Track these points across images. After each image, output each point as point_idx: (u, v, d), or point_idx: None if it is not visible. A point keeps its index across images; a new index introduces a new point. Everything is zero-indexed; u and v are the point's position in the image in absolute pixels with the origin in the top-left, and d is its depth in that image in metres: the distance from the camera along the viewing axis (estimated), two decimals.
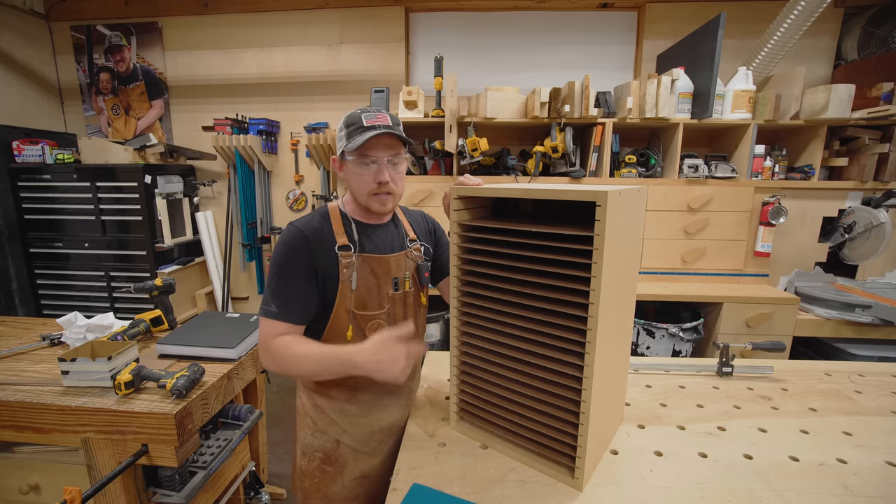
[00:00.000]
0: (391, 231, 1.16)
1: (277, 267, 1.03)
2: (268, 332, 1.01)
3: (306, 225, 1.06)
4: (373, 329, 1.09)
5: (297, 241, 1.03)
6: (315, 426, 1.15)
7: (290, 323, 1.02)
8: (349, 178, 1.08)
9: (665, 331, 2.28)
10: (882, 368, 1.44)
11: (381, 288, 1.10)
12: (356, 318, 1.08)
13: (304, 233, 1.04)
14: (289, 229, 1.06)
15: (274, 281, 1.03)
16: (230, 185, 3.26)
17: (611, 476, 0.91)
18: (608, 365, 0.90)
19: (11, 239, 2.94)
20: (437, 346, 2.58)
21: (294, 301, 1.02)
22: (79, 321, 1.59)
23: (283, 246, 1.04)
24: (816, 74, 2.87)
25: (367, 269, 1.08)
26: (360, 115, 1.03)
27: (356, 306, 1.07)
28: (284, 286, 1.02)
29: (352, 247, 1.06)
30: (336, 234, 1.06)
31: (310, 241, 1.03)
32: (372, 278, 1.08)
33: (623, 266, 0.89)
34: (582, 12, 3.04)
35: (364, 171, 1.04)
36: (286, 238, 1.05)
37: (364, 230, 1.10)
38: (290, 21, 3.14)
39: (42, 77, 3.27)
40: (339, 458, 1.15)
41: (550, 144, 2.50)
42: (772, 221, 2.47)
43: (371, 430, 1.15)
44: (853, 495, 0.85)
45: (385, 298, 1.11)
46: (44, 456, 1.31)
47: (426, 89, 2.85)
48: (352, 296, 1.06)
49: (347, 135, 1.02)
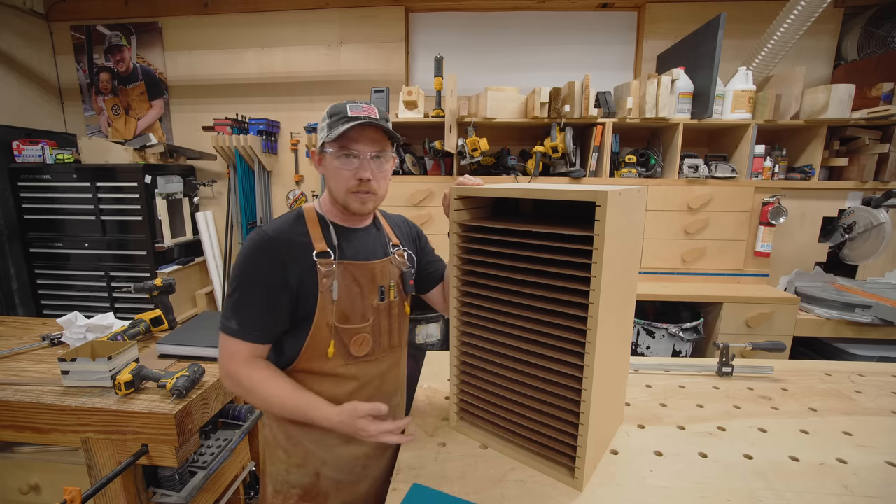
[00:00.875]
0: (373, 235, 1.06)
1: (240, 276, 0.91)
2: (229, 353, 0.92)
3: (277, 230, 0.94)
4: (358, 344, 0.99)
5: (265, 248, 0.91)
6: (289, 460, 1.02)
7: (252, 342, 0.91)
8: (328, 174, 0.97)
9: (665, 331, 2.28)
10: (882, 368, 1.44)
11: (366, 298, 1.00)
12: (339, 333, 0.96)
13: (273, 238, 0.92)
14: (256, 234, 0.93)
15: (236, 292, 0.91)
16: (230, 185, 3.25)
17: (611, 476, 0.91)
18: (608, 365, 0.90)
19: (11, 239, 2.94)
20: (437, 346, 2.58)
21: (257, 318, 0.91)
22: (79, 321, 1.59)
23: (248, 252, 0.91)
24: (816, 74, 2.87)
25: (350, 277, 0.97)
26: (346, 105, 0.93)
27: (338, 319, 0.96)
28: (247, 299, 0.90)
29: (331, 253, 0.95)
30: (313, 240, 0.95)
31: (280, 248, 0.92)
32: (355, 287, 0.98)
33: (623, 266, 0.89)
34: (582, 12, 3.04)
35: (344, 164, 0.93)
36: (252, 244, 0.92)
37: (344, 234, 1.00)
38: (290, 21, 3.14)
39: (42, 77, 3.27)
40: (321, 492, 1.03)
41: (550, 144, 2.50)
42: (772, 221, 2.47)
43: (354, 456, 1.05)
44: (853, 495, 0.85)
45: (369, 309, 1.00)
46: (44, 456, 1.31)
47: (426, 89, 2.85)
48: (333, 308, 0.95)
49: (329, 125, 0.93)
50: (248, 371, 0.91)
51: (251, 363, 0.92)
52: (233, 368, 0.91)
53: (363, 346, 1.01)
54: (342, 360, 0.99)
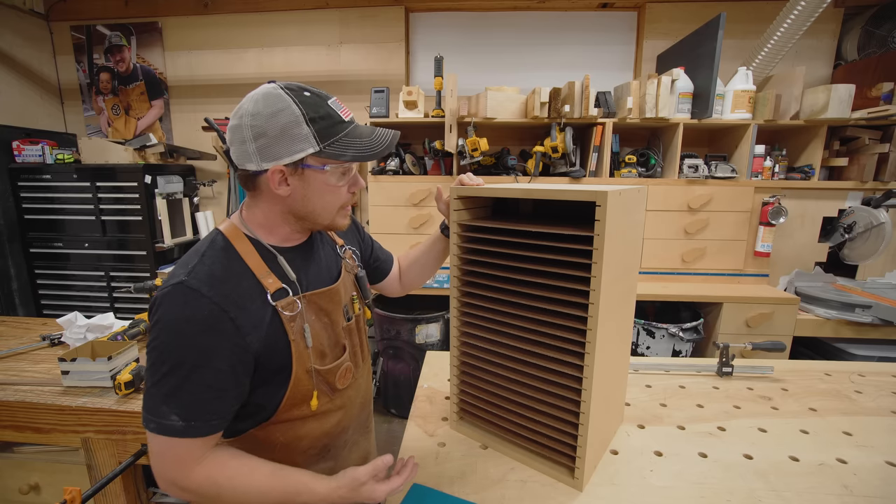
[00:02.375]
0: (317, 246, 0.88)
1: (169, 357, 0.65)
2: (174, 460, 0.67)
3: (206, 281, 0.68)
4: (343, 376, 0.85)
5: (209, 319, 0.66)
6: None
7: (206, 436, 0.67)
8: (312, 194, 0.75)
9: (665, 331, 2.28)
10: (882, 368, 1.44)
11: (336, 325, 0.85)
12: (320, 376, 0.81)
13: (209, 298, 0.66)
14: (179, 295, 0.66)
15: (169, 378, 0.65)
16: (230, 185, 3.25)
17: (611, 476, 0.91)
18: (608, 365, 0.90)
19: (11, 239, 2.94)
20: (437, 346, 2.58)
21: (210, 404, 0.67)
22: (79, 321, 1.59)
23: (175, 325, 0.65)
24: (816, 74, 2.87)
25: (316, 309, 0.81)
26: (325, 102, 0.72)
27: (318, 361, 0.80)
28: (190, 386, 0.66)
29: (289, 289, 0.77)
30: (259, 278, 0.74)
31: (229, 311, 0.68)
32: (324, 318, 0.83)
33: (623, 266, 0.89)
34: (582, 12, 3.04)
35: (342, 181, 0.78)
36: (179, 312, 0.66)
37: (292, 259, 0.80)
38: (290, 21, 3.14)
39: (42, 77, 3.27)
40: None
41: (550, 144, 2.50)
42: (772, 221, 2.47)
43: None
44: (853, 495, 0.85)
45: (341, 335, 0.87)
46: (44, 456, 1.31)
47: (426, 89, 2.85)
48: (309, 353, 0.78)
49: (319, 133, 0.70)
50: (207, 472, 0.68)
51: (206, 461, 0.69)
52: (182, 476, 0.67)
53: (347, 376, 0.88)
54: (328, 398, 0.85)
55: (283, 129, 0.69)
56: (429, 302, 2.73)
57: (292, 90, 0.71)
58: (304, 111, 0.70)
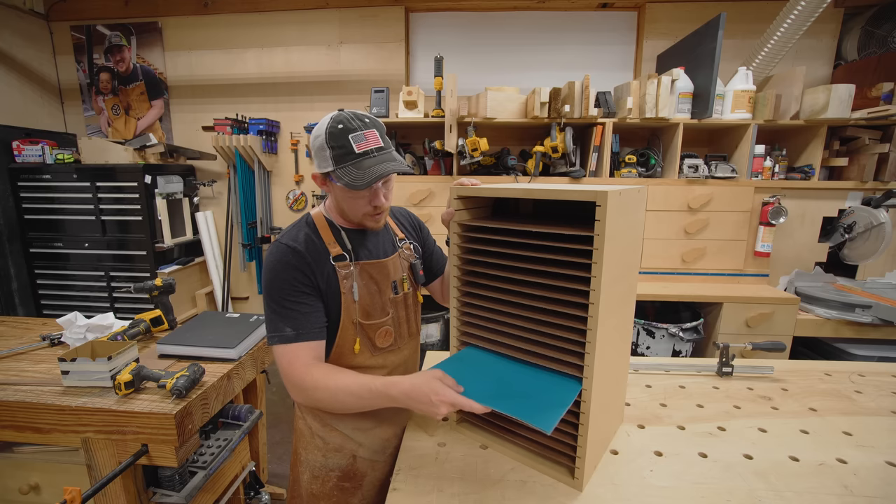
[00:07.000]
0: (380, 233, 1.12)
1: (275, 289, 0.95)
2: (291, 362, 0.94)
3: (294, 239, 0.99)
4: (382, 336, 1.07)
5: (290, 259, 0.96)
6: (327, 446, 1.10)
7: (310, 341, 0.96)
8: (339, 200, 1.01)
9: (665, 331, 2.28)
10: (882, 368, 1.44)
11: (383, 294, 1.07)
12: (363, 329, 1.04)
13: (295, 248, 0.97)
14: (276, 248, 0.98)
15: (276, 304, 0.95)
16: (230, 185, 3.26)
17: (611, 476, 0.91)
18: (608, 365, 0.90)
19: (11, 239, 2.94)
20: (436, 346, 2.58)
21: (309, 317, 0.96)
22: (79, 321, 1.59)
23: (279, 267, 0.96)
24: (816, 74, 2.87)
25: (367, 276, 1.04)
26: (347, 135, 0.91)
27: (361, 316, 1.03)
28: (293, 306, 0.95)
29: (347, 256, 1.02)
30: (328, 245, 1.01)
31: (304, 256, 0.97)
32: (373, 285, 1.05)
33: (623, 266, 0.89)
34: (582, 12, 3.04)
35: (357, 196, 0.97)
36: (276, 258, 0.97)
37: (354, 237, 1.06)
38: (290, 21, 3.14)
39: (42, 77, 3.27)
40: (357, 471, 1.12)
41: (550, 144, 2.50)
42: (772, 221, 2.47)
43: (386, 438, 1.13)
44: (853, 495, 0.85)
45: (388, 304, 1.08)
46: (44, 456, 1.31)
47: (426, 89, 2.85)
48: (356, 307, 1.01)
49: (334, 158, 0.91)
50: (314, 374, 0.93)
51: (313, 366, 0.94)
52: (297, 377, 0.93)
53: (387, 338, 1.08)
54: (368, 353, 1.06)
55: (318, 149, 0.94)
56: (429, 302, 2.73)
57: (335, 121, 0.92)
58: (328, 140, 0.92)
